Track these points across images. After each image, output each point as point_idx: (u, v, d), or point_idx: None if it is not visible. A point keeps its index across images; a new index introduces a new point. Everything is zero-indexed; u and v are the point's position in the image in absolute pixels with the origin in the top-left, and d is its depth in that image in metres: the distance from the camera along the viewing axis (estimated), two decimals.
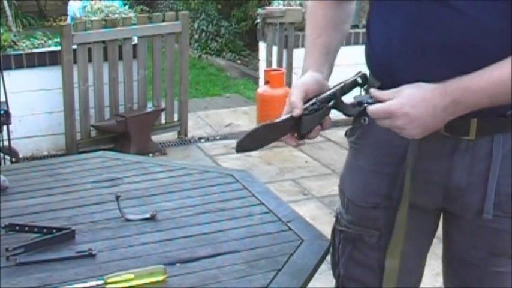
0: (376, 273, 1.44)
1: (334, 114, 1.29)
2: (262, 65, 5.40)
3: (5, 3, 5.64)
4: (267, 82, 4.93)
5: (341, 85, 1.30)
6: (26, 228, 1.54)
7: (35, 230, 1.53)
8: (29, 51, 4.36)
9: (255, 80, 6.26)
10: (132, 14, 4.86)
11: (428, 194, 1.37)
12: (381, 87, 1.27)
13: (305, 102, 1.29)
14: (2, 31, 4.49)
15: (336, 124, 5.49)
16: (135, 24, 4.63)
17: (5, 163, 3.69)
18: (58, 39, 4.39)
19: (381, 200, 1.40)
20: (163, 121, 4.89)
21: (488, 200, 1.31)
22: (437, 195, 1.37)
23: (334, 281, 1.61)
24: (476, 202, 1.33)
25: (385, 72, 1.33)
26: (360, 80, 1.31)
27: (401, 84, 1.21)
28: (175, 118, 4.97)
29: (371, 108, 1.20)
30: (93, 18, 4.56)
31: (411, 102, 1.17)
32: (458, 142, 1.30)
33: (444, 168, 1.32)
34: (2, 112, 3.39)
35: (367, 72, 1.36)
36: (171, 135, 4.97)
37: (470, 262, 1.41)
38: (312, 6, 1.50)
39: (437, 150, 1.32)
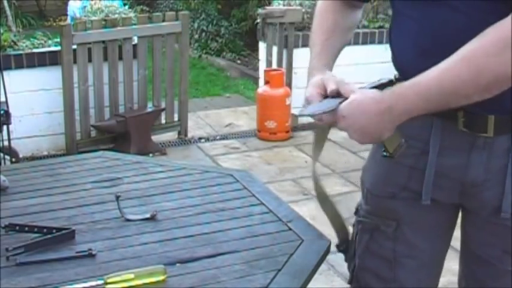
0: (391, 264, 1.46)
1: None
2: (262, 65, 5.40)
3: (5, 3, 5.63)
4: (267, 82, 4.93)
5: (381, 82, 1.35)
6: (26, 228, 1.54)
7: (35, 230, 1.53)
8: (29, 51, 4.36)
9: (255, 80, 6.26)
10: (132, 14, 4.86)
11: (445, 188, 1.38)
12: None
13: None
14: (2, 31, 4.49)
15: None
16: (135, 24, 4.63)
17: (5, 163, 3.69)
18: (58, 39, 4.39)
19: (398, 191, 1.41)
20: (163, 121, 4.89)
21: (506, 199, 1.32)
22: (453, 190, 1.37)
23: (334, 281, 1.61)
24: (493, 199, 1.33)
25: (403, 74, 1.36)
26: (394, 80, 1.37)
27: None
28: (175, 118, 4.97)
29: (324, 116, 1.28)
30: (93, 18, 4.56)
31: (350, 107, 1.23)
32: (476, 139, 1.30)
33: (461, 163, 1.33)
34: (2, 112, 3.39)
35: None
36: (171, 135, 4.97)
37: (485, 260, 1.42)
38: (323, 11, 1.52)
39: (456, 146, 1.33)
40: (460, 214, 1.49)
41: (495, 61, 1.11)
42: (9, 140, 3.67)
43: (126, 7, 5.30)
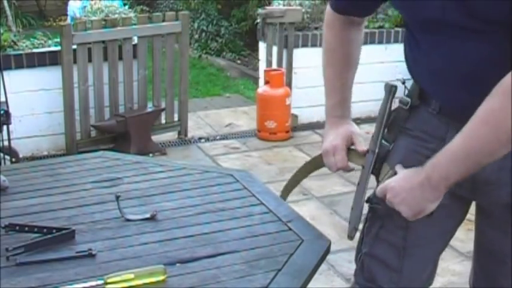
0: (400, 253, 1.48)
1: None
2: (262, 65, 5.40)
3: (5, 3, 5.64)
4: (267, 82, 4.93)
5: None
6: (26, 228, 1.54)
7: (35, 230, 1.53)
8: (29, 51, 4.36)
9: (255, 80, 6.26)
10: (132, 14, 4.86)
11: (458, 184, 1.38)
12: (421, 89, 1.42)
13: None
14: (2, 31, 4.49)
15: None
16: (135, 24, 4.63)
17: (5, 163, 3.69)
18: (58, 39, 4.39)
19: None
20: (163, 121, 4.89)
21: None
22: (466, 186, 1.39)
23: (334, 281, 1.61)
24: (505, 197, 1.36)
25: (418, 83, 1.43)
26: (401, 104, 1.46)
27: (430, 93, 1.38)
28: (175, 118, 4.97)
29: (377, 191, 1.40)
30: (93, 18, 4.56)
31: (396, 179, 1.35)
32: None
33: None
34: (2, 112, 3.39)
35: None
36: (171, 135, 4.97)
37: (496, 257, 1.46)
38: (334, 44, 1.58)
39: None
40: (466, 215, 1.52)
41: (508, 118, 1.15)
42: (9, 140, 3.67)
43: (126, 7, 5.30)
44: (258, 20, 5.35)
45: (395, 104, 1.47)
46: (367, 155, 1.48)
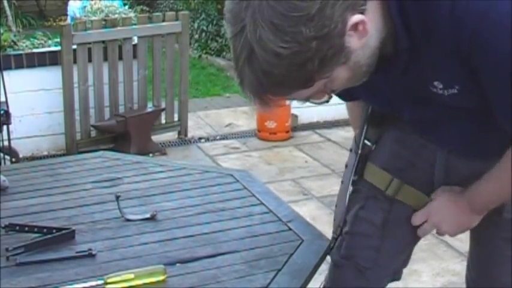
0: (380, 233, 1.49)
1: (335, 114, 1.31)
2: None
3: (5, 3, 5.65)
4: None
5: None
6: (26, 228, 1.54)
7: (35, 230, 1.53)
8: (29, 51, 4.36)
9: None
10: (132, 14, 4.87)
11: (450, 183, 1.42)
12: None
13: None
14: (2, 31, 4.49)
15: (336, 124, 5.47)
16: (135, 24, 4.63)
17: (5, 163, 3.69)
18: (58, 39, 4.39)
19: (406, 166, 1.44)
20: (163, 121, 4.89)
21: (507, 203, 1.38)
22: (454, 181, 1.42)
23: None
24: None
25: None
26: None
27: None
28: (175, 118, 4.97)
29: (413, 219, 1.46)
30: (93, 18, 4.56)
31: (437, 207, 1.42)
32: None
33: (478, 167, 1.35)
34: (2, 112, 3.39)
35: None
36: (171, 135, 4.97)
37: (488, 247, 1.49)
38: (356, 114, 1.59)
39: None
40: None
41: None
42: (9, 140, 3.67)
43: (126, 7, 5.30)
44: None
45: None
46: (349, 155, 1.52)
